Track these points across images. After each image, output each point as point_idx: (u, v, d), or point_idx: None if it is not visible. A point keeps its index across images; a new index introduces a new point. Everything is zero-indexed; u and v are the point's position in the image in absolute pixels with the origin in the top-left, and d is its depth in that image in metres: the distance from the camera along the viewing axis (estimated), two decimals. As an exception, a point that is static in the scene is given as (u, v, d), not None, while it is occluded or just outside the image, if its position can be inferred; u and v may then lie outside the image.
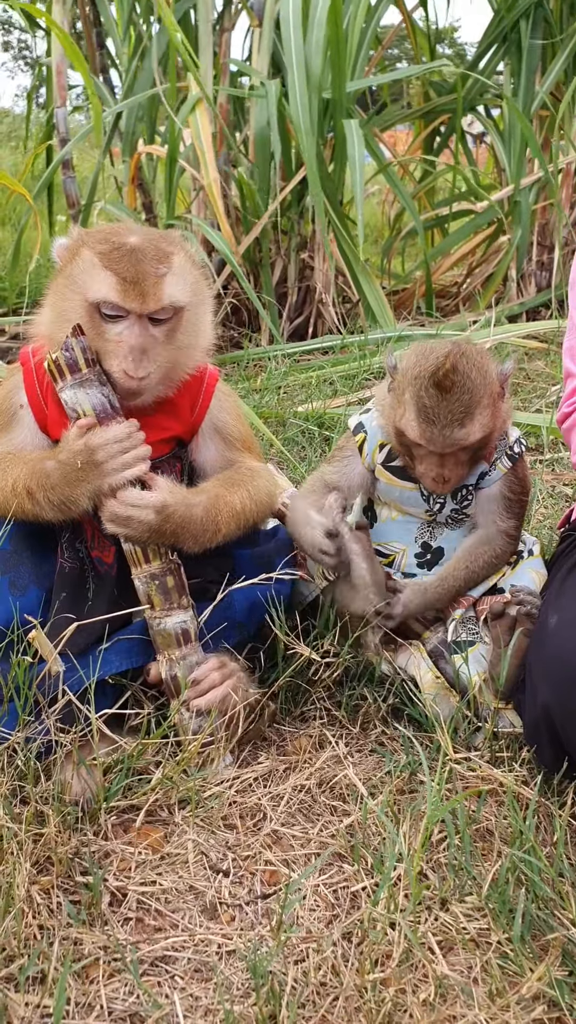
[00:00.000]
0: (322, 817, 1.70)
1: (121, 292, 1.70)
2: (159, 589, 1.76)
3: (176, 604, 1.77)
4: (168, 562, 1.77)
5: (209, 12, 5.11)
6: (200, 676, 1.77)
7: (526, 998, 1.32)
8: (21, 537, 1.82)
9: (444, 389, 1.82)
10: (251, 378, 4.37)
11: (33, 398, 1.86)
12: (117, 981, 1.35)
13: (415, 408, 1.85)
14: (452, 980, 1.35)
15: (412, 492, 2.02)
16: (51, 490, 1.72)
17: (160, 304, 1.72)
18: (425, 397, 1.83)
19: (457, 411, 1.82)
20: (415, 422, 1.85)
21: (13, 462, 1.79)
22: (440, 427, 1.83)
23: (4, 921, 1.37)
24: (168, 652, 1.77)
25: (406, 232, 6.27)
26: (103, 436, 1.71)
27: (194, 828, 1.64)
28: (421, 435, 1.85)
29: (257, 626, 1.90)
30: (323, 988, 1.34)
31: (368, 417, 2.07)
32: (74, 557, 1.83)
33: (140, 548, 1.76)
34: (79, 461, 1.69)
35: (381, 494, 2.08)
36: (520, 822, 1.57)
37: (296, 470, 3.12)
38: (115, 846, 1.59)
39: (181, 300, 1.76)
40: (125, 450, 1.72)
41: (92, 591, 1.82)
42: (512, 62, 5.94)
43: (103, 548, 1.84)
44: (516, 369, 4.49)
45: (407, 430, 1.87)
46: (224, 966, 1.38)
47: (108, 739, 1.70)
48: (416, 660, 1.95)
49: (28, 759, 1.63)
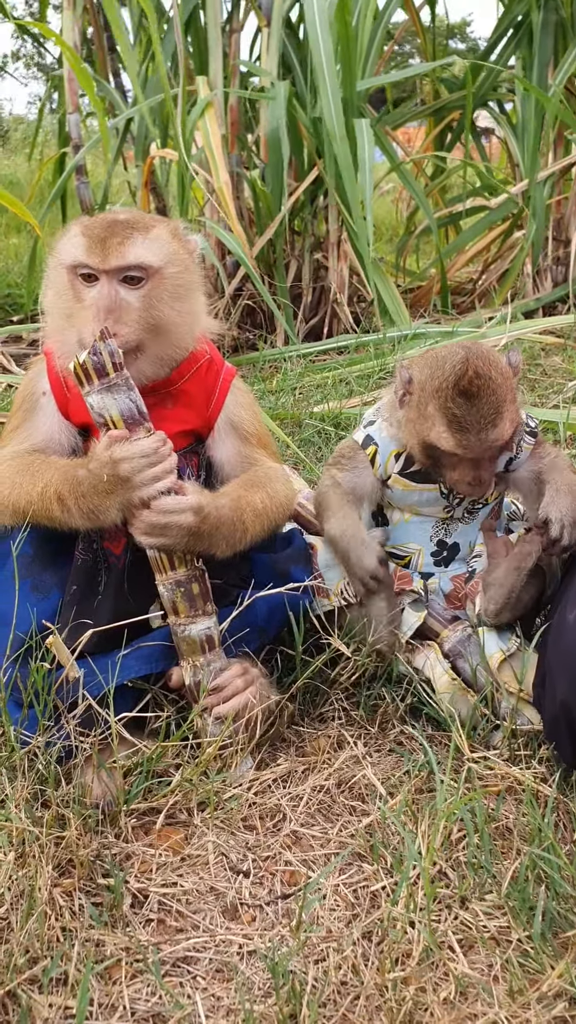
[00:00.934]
0: (341, 817, 1.70)
1: (87, 250, 1.75)
2: (184, 596, 1.76)
3: (201, 611, 1.77)
4: (194, 568, 1.77)
5: (218, 14, 5.12)
6: (223, 683, 1.78)
7: (547, 996, 1.32)
8: (43, 541, 1.83)
9: (471, 396, 1.82)
10: (267, 379, 4.38)
11: (56, 385, 1.88)
12: (139, 982, 1.36)
13: (445, 420, 1.84)
14: (472, 978, 1.36)
15: (431, 493, 2.02)
16: (81, 498, 1.72)
17: (124, 260, 1.74)
18: (454, 407, 1.83)
19: (488, 414, 1.82)
20: (447, 433, 1.84)
21: (44, 467, 1.80)
22: (475, 433, 1.83)
23: (27, 923, 1.38)
24: (192, 659, 1.78)
25: (420, 230, 6.27)
26: (128, 450, 1.70)
27: (214, 830, 1.65)
28: (456, 445, 1.84)
29: (277, 630, 1.92)
30: (343, 987, 1.35)
31: (375, 429, 2.06)
32: (88, 549, 1.84)
33: (166, 555, 1.75)
34: (105, 474, 1.69)
35: (394, 500, 2.07)
36: (539, 819, 1.57)
37: (312, 471, 3.12)
38: (136, 848, 1.60)
39: (149, 260, 1.77)
40: (152, 464, 1.70)
41: (103, 584, 1.83)
42: (524, 55, 5.92)
43: (113, 539, 1.84)
44: (532, 364, 4.48)
45: (439, 442, 1.86)
46: (245, 966, 1.39)
47: (128, 742, 1.71)
48: (432, 662, 1.95)
49: (49, 763, 1.64)
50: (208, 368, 1.94)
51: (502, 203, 5.75)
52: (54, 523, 1.77)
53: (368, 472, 2.05)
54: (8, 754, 1.70)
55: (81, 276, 1.76)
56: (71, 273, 1.77)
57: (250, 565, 1.94)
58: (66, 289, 1.78)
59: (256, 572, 1.90)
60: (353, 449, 2.08)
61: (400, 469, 2.03)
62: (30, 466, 1.81)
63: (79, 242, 1.77)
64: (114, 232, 1.76)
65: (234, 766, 1.75)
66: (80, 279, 1.77)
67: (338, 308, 5.22)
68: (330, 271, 5.28)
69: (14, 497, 1.78)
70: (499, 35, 5.98)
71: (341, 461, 2.09)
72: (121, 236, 1.75)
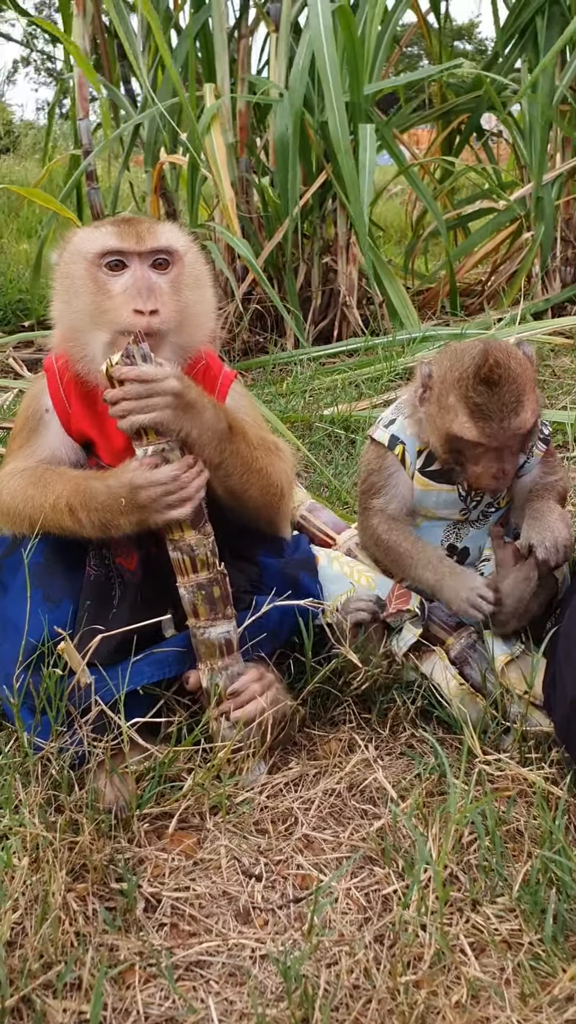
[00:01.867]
0: (353, 821, 1.71)
1: (119, 235, 1.77)
2: (205, 599, 1.76)
3: (221, 614, 1.77)
4: (215, 572, 1.77)
5: (223, 20, 5.13)
6: (241, 687, 1.78)
7: (559, 999, 1.33)
8: (53, 550, 1.84)
9: (493, 383, 1.83)
10: (277, 382, 4.39)
11: (58, 402, 1.90)
12: (153, 986, 1.37)
13: (467, 409, 1.84)
14: (484, 982, 1.36)
15: (450, 494, 2.03)
16: (94, 511, 1.74)
17: (157, 242, 1.78)
18: (476, 396, 1.83)
19: (510, 402, 1.83)
20: (470, 423, 1.84)
21: (56, 478, 1.81)
22: (498, 421, 1.83)
23: (41, 928, 1.40)
24: (211, 662, 1.78)
25: (429, 232, 6.27)
26: (147, 477, 1.70)
27: (226, 834, 1.66)
28: (481, 433, 1.84)
29: (288, 634, 1.92)
30: (356, 991, 1.36)
31: (398, 428, 2.05)
32: (100, 564, 1.86)
33: (188, 557, 1.75)
34: (123, 499, 1.71)
35: (415, 502, 2.06)
36: (550, 822, 1.57)
37: (323, 474, 3.13)
38: (149, 853, 1.61)
39: (176, 244, 1.82)
40: (169, 492, 1.71)
41: (117, 598, 1.84)
42: (530, 58, 5.92)
43: (127, 555, 1.86)
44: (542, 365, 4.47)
45: (463, 432, 1.86)
46: (258, 970, 1.40)
47: (140, 747, 1.72)
48: (440, 667, 1.95)
49: (62, 768, 1.66)
50: (205, 372, 1.94)
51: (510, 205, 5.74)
52: (65, 532, 1.79)
53: (402, 473, 2.04)
54: (22, 760, 1.71)
55: (107, 266, 1.77)
56: (94, 265, 1.77)
57: (260, 570, 1.95)
58: (88, 284, 1.77)
59: (266, 578, 1.91)
60: (381, 456, 2.06)
61: (420, 467, 2.03)
62: (41, 477, 1.83)
63: (108, 231, 1.79)
64: (139, 221, 1.81)
65: (246, 770, 1.76)
66: (105, 270, 1.77)
67: (347, 311, 5.22)
68: (339, 274, 5.29)
69: (28, 509, 1.80)
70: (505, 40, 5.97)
71: (375, 483, 2.07)
72: (148, 223, 1.81)
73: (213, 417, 1.75)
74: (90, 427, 1.89)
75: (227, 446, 1.78)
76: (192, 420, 1.72)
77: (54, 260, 1.87)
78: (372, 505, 2.07)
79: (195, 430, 1.73)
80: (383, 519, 2.05)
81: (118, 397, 1.69)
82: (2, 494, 1.86)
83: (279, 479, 1.90)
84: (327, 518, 2.37)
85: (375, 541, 2.08)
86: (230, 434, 1.78)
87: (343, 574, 2.03)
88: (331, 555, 2.12)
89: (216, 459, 1.77)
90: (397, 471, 2.05)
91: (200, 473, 1.75)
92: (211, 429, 1.75)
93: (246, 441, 1.82)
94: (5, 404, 3.97)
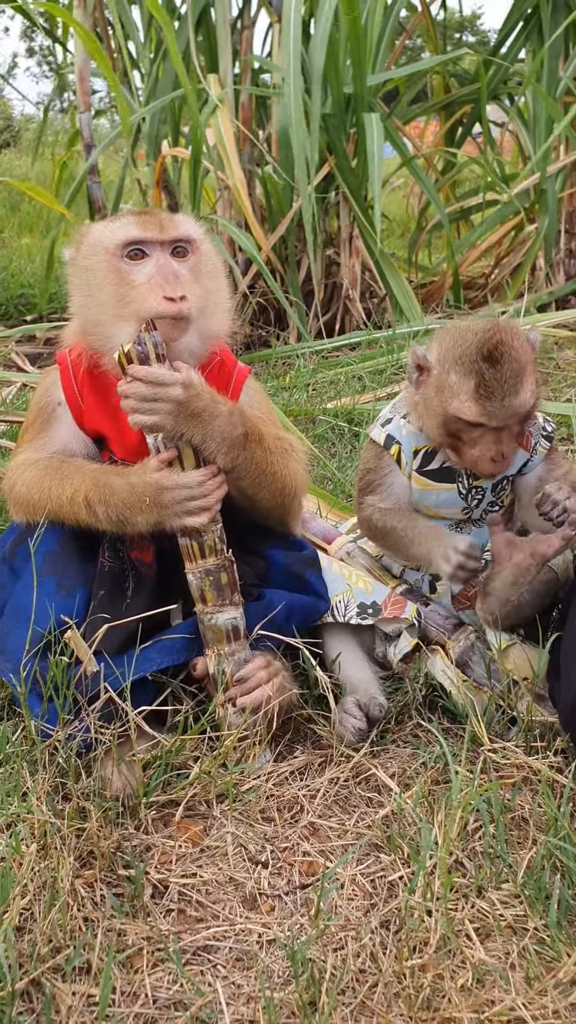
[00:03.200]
0: (358, 808, 1.72)
1: (140, 225, 1.80)
2: (213, 585, 1.77)
3: (228, 600, 1.79)
4: (223, 558, 1.78)
5: (226, 11, 5.13)
6: (247, 674, 1.79)
7: (563, 982, 1.34)
8: (68, 539, 1.86)
9: (496, 360, 1.82)
10: (280, 376, 4.39)
11: (70, 395, 1.90)
12: (161, 970, 1.38)
13: (469, 387, 1.83)
14: (489, 966, 1.37)
15: (450, 493, 2.02)
16: (112, 507, 1.75)
17: (178, 231, 1.81)
18: (478, 373, 1.82)
19: (511, 380, 1.82)
20: (471, 401, 1.83)
21: (74, 471, 1.83)
22: (499, 400, 1.82)
23: (50, 914, 1.41)
24: (218, 647, 1.79)
25: (432, 225, 6.27)
26: (175, 480, 1.73)
27: (232, 821, 1.67)
28: (481, 412, 1.83)
29: (295, 629, 1.93)
30: (362, 975, 1.37)
31: (394, 427, 2.05)
32: (115, 557, 1.87)
33: (196, 543, 1.76)
34: (147, 497, 1.73)
35: (414, 501, 2.07)
36: (555, 809, 1.58)
37: (326, 467, 3.14)
38: (156, 840, 1.62)
39: (194, 233, 1.85)
40: (193, 498, 1.73)
41: (131, 590, 1.85)
42: (534, 48, 5.91)
43: (142, 549, 1.88)
44: (546, 358, 4.47)
45: (462, 412, 1.84)
46: (264, 954, 1.41)
47: (147, 735, 1.73)
48: (442, 665, 1.96)
49: (69, 756, 1.67)
50: (220, 368, 1.95)
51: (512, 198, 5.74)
52: (80, 525, 1.81)
53: (397, 473, 2.05)
54: (29, 748, 1.73)
55: (128, 256, 1.78)
56: (115, 256, 1.78)
57: (267, 564, 1.95)
58: (109, 276, 1.78)
59: (273, 573, 1.92)
60: (378, 456, 2.07)
61: (418, 467, 2.03)
62: (59, 469, 1.84)
63: (128, 221, 1.81)
64: (158, 212, 1.85)
65: (252, 757, 1.77)
66: (126, 260, 1.78)
67: (350, 304, 5.23)
68: (342, 267, 5.29)
69: (44, 500, 1.82)
70: (509, 29, 5.96)
71: (372, 481, 2.07)
72: (166, 213, 1.84)
73: (226, 424, 1.75)
74: (103, 421, 1.89)
75: (240, 453, 1.78)
76: (197, 427, 1.72)
77: (68, 256, 1.87)
78: (367, 501, 2.08)
79: (198, 436, 1.73)
80: (376, 510, 2.06)
81: (127, 392, 1.70)
82: (17, 485, 1.87)
83: (292, 481, 1.91)
84: (317, 528, 2.36)
85: (372, 531, 2.10)
86: (245, 441, 1.78)
87: (341, 575, 2.04)
88: (328, 560, 2.12)
89: (228, 465, 1.78)
90: (392, 471, 2.05)
91: (221, 484, 1.77)
92: (221, 437, 1.75)
93: (262, 447, 1.83)
94: (8, 398, 3.98)
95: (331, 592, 2.00)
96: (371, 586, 2.02)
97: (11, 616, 1.84)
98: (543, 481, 2.02)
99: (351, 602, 1.98)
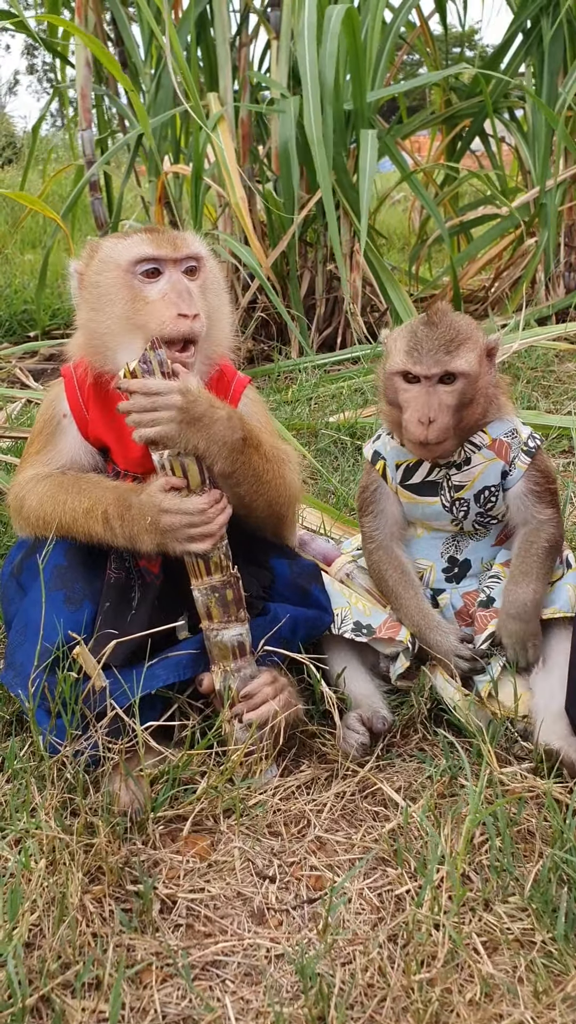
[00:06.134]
0: (365, 822, 1.73)
1: (154, 243, 1.82)
2: (219, 601, 1.78)
3: (234, 617, 1.80)
4: (229, 575, 1.79)
5: (226, 28, 5.17)
6: (253, 690, 1.80)
7: (571, 996, 1.34)
8: (75, 553, 1.88)
9: (431, 323, 1.91)
10: (282, 390, 4.41)
11: (75, 407, 1.93)
12: (170, 986, 1.38)
13: (404, 344, 1.91)
14: (497, 979, 1.37)
15: (434, 506, 2.04)
16: (127, 523, 1.78)
17: (190, 249, 1.85)
18: (414, 332, 1.91)
19: (444, 339, 1.89)
20: (402, 354, 1.90)
21: (92, 486, 1.85)
22: (426, 351, 1.88)
23: (59, 929, 1.41)
24: (224, 664, 1.80)
25: (432, 239, 6.29)
26: (176, 505, 1.74)
27: (240, 836, 1.67)
28: (407, 359, 1.89)
29: (300, 642, 1.94)
30: (370, 989, 1.37)
31: (381, 443, 2.09)
32: (122, 567, 1.88)
33: (202, 561, 1.77)
34: (148, 518, 1.75)
35: (406, 514, 2.09)
36: (561, 822, 1.59)
37: (329, 481, 3.15)
38: (164, 855, 1.63)
39: (202, 251, 1.89)
40: (194, 524, 1.74)
41: (137, 599, 1.86)
42: (534, 63, 5.95)
43: (150, 559, 1.89)
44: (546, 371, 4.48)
45: (394, 365, 1.91)
46: (273, 969, 1.41)
47: (155, 751, 1.74)
48: (442, 680, 1.97)
49: (77, 772, 1.67)
50: (219, 378, 1.98)
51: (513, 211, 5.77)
52: (92, 539, 1.83)
53: (385, 488, 2.07)
54: (38, 763, 1.73)
55: (142, 274, 1.81)
56: (128, 273, 1.81)
57: (272, 575, 1.97)
58: (122, 292, 1.81)
59: (279, 586, 1.94)
60: (368, 472, 2.10)
61: (401, 480, 2.05)
62: (76, 483, 1.86)
63: (141, 239, 1.84)
64: (167, 229, 1.89)
65: (259, 772, 1.78)
66: (140, 277, 1.81)
67: (351, 318, 5.25)
68: (343, 282, 5.32)
69: (58, 513, 1.84)
70: (508, 42, 6.00)
71: (366, 500, 2.10)
72: (177, 232, 1.88)
73: (226, 428, 1.76)
74: (107, 433, 1.92)
75: (239, 457, 1.80)
76: (200, 433, 1.73)
77: (74, 269, 1.89)
78: (365, 527, 2.10)
79: (203, 443, 1.74)
80: (374, 547, 2.09)
81: (126, 408, 1.72)
82: (28, 498, 1.89)
83: (288, 491, 1.93)
84: (317, 550, 2.35)
85: (368, 559, 2.12)
86: (244, 445, 1.80)
87: (342, 593, 2.05)
88: (329, 580, 2.13)
89: (228, 469, 1.79)
90: (380, 486, 2.08)
91: (224, 509, 1.78)
92: (222, 441, 1.76)
93: (259, 453, 1.84)
94: (13, 414, 3.99)
95: (333, 605, 2.01)
96: (369, 609, 2.04)
97: (19, 630, 1.85)
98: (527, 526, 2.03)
99: (347, 617, 2.00)
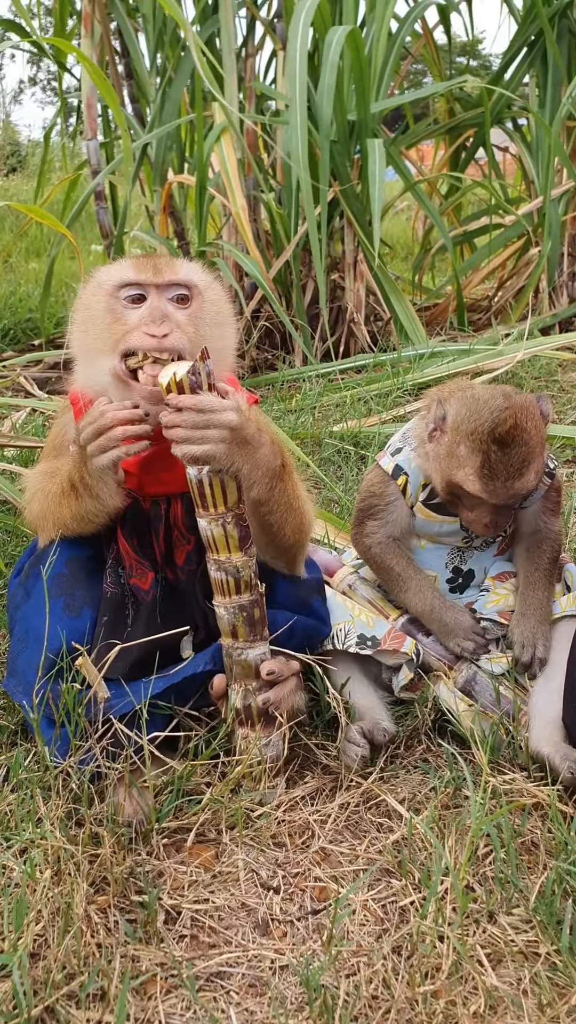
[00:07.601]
0: (369, 834, 1.73)
1: (136, 268, 1.80)
2: (246, 621, 1.75)
3: (259, 636, 1.77)
4: (256, 593, 1.76)
5: (233, 38, 5.19)
6: (276, 669, 1.77)
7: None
8: (75, 561, 1.89)
9: (505, 444, 1.84)
10: (286, 399, 4.42)
11: None
12: (174, 997, 1.38)
13: (475, 464, 1.86)
14: (502, 992, 1.37)
15: (452, 526, 2.05)
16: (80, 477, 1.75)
17: (175, 275, 1.80)
18: (485, 454, 1.85)
19: (517, 464, 1.85)
20: (475, 478, 1.86)
21: (61, 464, 1.87)
22: (502, 481, 1.85)
23: (64, 940, 1.41)
24: (245, 683, 1.77)
25: (436, 248, 6.31)
26: (83, 420, 1.72)
27: (244, 847, 1.68)
28: (483, 490, 1.87)
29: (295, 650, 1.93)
30: (375, 1001, 1.37)
31: (404, 458, 2.07)
32: (116, 583, 1.88)
33: (232, 578, 1.73)
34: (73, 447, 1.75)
35: (416, 528, 2.10)
36: (565, 833, 1.59)
37: (332, 490, 3.16)
38: (168, 866, 1.63)
39: (195, 279, 1.83)
40: (98, 432, 1.68)
41: (131, 617, 1.86)
42: (538, 74, 5.97)
43: (140, 576, 1.88)
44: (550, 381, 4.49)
45: (466, 484, 1.88)
46: (278, 980, 1.42)
47: (159, 761, 1.74)
48: (447, 691, 1.98)
49: (82, 782, 1.68)
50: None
51: (517, 220, 5.78)
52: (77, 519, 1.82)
53: (401, 503, 2.07)
54: (43, 773, 1.74)
55: (126, 299, 1.79)
56: (113, 297, 1.79)
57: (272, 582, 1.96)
58: (105, 315, 1.79)
59: (280, 597, 1.92)
60: (383, 483, 2.09)
61: (424, 499, 2.05)
62: (56, 470, 1.88)
63: (126, 264, 1.82)
64: (159, 257, 1.85)
65: (263, 784, 1.77)
66: (124, 302, 1.79)
67: (355, 328, 5.26)
68: (346, 291, 5.34)
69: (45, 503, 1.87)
70: (513, 53, 6.02)
71: (375, 506, 2.09)
72: (167, 258, 1.83)
73: (269, 454, 1.72)
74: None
75: (277, 484, 1.75)
76: (245, 456, 1.68)
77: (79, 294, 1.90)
78: (368, 527, 2.10)
79: (247, 466, 1.69)
80: (376, 540, 2.09)
81: (175, 423, 1.65)
82: (32, 503, 1.93)
83: (308, 516, 1.91)
84: (320, 560, 2.35)
85: (367, 556, 2.12)
86: (283, 471, 1.76)
87: (344, 606, 2.05)
88: (331, 592, 2.13)
89: (265, 496, 1.74)
90: (396, 500, 2.08)
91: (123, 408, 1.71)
92: (265, 466, 1.72)
93: (292, 480, 1.82)
94: (19, 422, 4.01)
95: (334, 620, 2.00)
96: (372, 621, 2.04)
97: (20, 637, 1.86)
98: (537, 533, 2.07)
99: (351, 631, 2.00)
